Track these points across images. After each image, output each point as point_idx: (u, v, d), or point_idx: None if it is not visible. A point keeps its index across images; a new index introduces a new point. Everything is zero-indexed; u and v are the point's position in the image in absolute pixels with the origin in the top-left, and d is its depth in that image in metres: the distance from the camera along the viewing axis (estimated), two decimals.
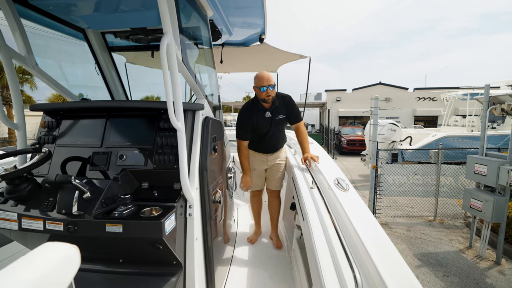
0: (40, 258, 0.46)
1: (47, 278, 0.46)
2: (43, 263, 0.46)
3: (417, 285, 0.75)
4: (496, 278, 3.22)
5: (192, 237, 1.30)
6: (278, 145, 2.46)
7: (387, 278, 0.75)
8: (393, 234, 4.53)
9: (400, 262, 0.85)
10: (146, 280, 1.22)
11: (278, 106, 2.27)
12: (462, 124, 10.19)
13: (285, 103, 2.29)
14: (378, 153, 5.02)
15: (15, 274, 0.44)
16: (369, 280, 0.83)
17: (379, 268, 0.79)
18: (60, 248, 0.50)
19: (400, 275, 0.79)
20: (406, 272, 0.80)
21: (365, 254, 0.89)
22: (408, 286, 0.75)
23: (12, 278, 0.44)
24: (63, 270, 0.48)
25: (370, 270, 0.84)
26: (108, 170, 1.35)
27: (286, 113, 2.29)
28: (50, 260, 0.47)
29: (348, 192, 1.39)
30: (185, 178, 1.20)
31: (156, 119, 1.42)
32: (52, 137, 1.45)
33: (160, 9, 1.02)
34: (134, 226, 1.11)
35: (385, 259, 0.84)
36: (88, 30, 1.95)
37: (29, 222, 1.15)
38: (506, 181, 3.28)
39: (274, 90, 2.20)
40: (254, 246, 2.44)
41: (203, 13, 1.66)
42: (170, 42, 1.05)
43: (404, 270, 0.81)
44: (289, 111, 2.29)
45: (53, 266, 0.46)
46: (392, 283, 0.74)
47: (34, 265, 0.46)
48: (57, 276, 0.47)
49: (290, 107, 2.29)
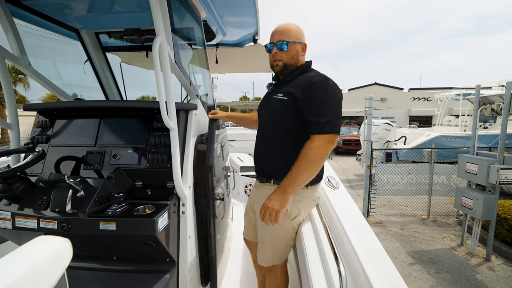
0: (32, 250, 0.48)
1: (39, 270, 0.48)
2: (35, 256, 0.48)
3: (397, 276, 0.78)
4: (486, 274, 3.29)
5: (185, 234, 1.33)
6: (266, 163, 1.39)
7: (369, 270, 0.79)
8: (387, 232, 4.59)
9: (382, 255, 0.89)
10: (139, 277, 1.24)
11: (293, 81, 1.33)
12: (455, 124, 10.35)
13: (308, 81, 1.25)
14: (373, 153, 5.08)
15: (7, 266, 0.46)
16: (352, 271, 0.87)
17: (362, 261, 0.82)
18: (52, 241, 0.52)
19: (382, 267, 0.82)
20: (387, 264, 0.84)
21: (350, 247, 0.92)
22: (389, 277, 0.79)
23: (4, 270, 0.45)
24: (55, 262, 0.50)
25: (354, 263, 0.88)
26: (102, 169, 1.37)
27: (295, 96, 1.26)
28: (42, 252, 0.49)
29: (338, 190, 1.42)
30: (178, 176, 1.22)
31: (149, 118, 1.44)
32: (45, 137, 1.46)
33: (152, 10, 1.04)
34: (127, 224, 1.13)
35: (369, 253, 0.88)
36: (82, 30, 1.96)
37: (22, 220, 1.16)
38: (496, 179, 3.35)
39: (290, 53, 1.33)
40: None
41: (196, 14, 1.68)
42: (162, 42, 1.07)
43: (386, 262, 0.85)
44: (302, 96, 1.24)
45: (45, 258, 0.48)
46: (373, 274, 0.77)
47: (26, 257, 0.48)
48: (49, 268, 0.49)
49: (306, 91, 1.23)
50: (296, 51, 1.35)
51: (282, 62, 1.35)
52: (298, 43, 1.35)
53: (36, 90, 5.01)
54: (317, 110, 1.19)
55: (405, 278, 3.28)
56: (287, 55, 1.34)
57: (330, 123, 1.16)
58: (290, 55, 1.34)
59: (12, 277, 0.45)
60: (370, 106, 5.07)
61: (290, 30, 1.34)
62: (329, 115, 1.17)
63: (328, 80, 1.25)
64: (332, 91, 1.22)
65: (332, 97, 1.21)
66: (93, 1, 1.49)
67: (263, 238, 1.37)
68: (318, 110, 1.19)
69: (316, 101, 1.20)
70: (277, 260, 1.37)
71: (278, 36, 1.35)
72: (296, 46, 1.35)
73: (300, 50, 1.37)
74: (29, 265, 0.47)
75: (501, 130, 3.53)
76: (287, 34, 1.33)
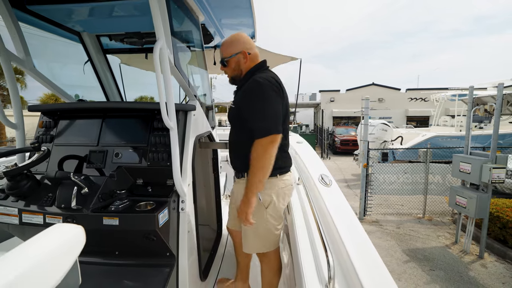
0: (49, 237, 0.54)
1: (56, 254, 0.53)
2: (52, 242, 0.54)
3: (381, 265, 0.85)
4: (479, 271, 3.37)
5: (184, 230, 1.38)
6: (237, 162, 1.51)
7: (356, 259, 0.85)
8: (383, 231, 4.66)
9: (368, 246, 0.95)
10: (141, 271, 1.30)
11: (239, 89, 1.47)
12: (451, 124, 10.45)
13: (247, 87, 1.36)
14: (369, 153, 5.16)
15: (26, 252, 0.52)
16: (340, 261, 0.93)
17: (349, 250, 0.89)
18: (67, 228, 0.57)
19: (368, 257, 0.88)
20: (373, 255, 0.90)
21: (339, 239, 0.98)
22: (374, 266, 0.85)
23: (23, 255, 0.51)
24: (70, 247, 0.55)
25: (342, 254, 0.94)
26: (104, 167, 1.42)
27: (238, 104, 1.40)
28: (58, 238, 0.54)
29: (331, 187, 1.49)
30: (178, 174, 1.27)
31: (150, 119, 1.50)
32: (49, 137, 1.51)
33: (153, 16, 1.10)
34: (130, 219, 1.19)
35: (355, 243, 0.94)
36: (83, 33, 2.01)
37: (29, 216, 1.22)
38: (488, 178, 3.42)
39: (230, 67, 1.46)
40: None
41: (194, 18, 1.74)
42: (163, 47, 1.13)
43: (371, 253, 0.91)
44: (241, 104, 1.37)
45: (61, 244, 0.54)
46: (359, 263, 0.84)
47: (43, 243, 0.54)
48: (65, 252, 0.54)
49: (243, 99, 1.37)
50: (235, 63, 1.45)
51: (229, 76, 1.50)
52: (235, 55, 1.43)
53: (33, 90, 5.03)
54: (252, 117, 1.30)
55: (400, 275, 3.35)
56: (229, 69, 1.47)
57: (264, 128, 1.26)
58: (231, 68, 1.46)
59: (31, 261, 0.50)
60: (367, 106, 5.15)
61: (224, 46, 1.46)
62: (262, 119, 1.27)
63: (259, 82, 1.30)
64: (262, 94, 1.28)
65: (262, 99, 1.28)
66: (95, 6, 1.55)
67: (245, 228, 1.47)
68: (252, 116, 1.30)
69: (250, 108, 1.31)
70: (261, 247, 1.47)
71: (220, 54, 1.47)
72: (234, 58, 1.44)
73: (241, 59, 1.44)
74: (47, 250, 0.53)
75: (493, 130, 3.60)
76: (223, 51, 1.46)
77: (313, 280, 0.86)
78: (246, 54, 1.43)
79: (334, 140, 15.17)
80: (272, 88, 1.30)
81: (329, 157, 13.43)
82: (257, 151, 1.27)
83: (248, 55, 1.43)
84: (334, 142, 15.11)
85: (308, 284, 0.85)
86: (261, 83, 1.30)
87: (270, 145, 1.26)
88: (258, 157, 1.27)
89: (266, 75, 1.36)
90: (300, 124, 21.29)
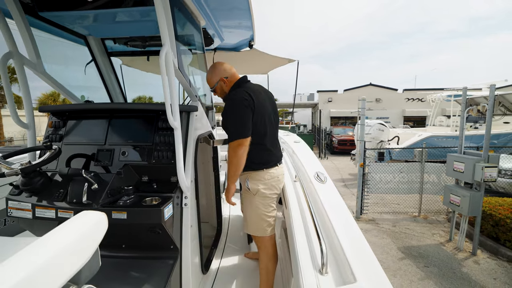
0: (77, 223, 0.62)
1: (82, 238, 0.61)
2: (79, 227, 0.61)
3: (370, 254, 0.93)
4: (471, 268, 3.47)
5: (187, 224, 1.46)
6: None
7: (346, 247, 0.94)
8: (380, 229, 4.75)
9: (359, 237, 1.04)
10: (146, 263, 1.37)
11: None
12: (447, 124, 10.59)
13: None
14: (366, 152, 5.25)
15: (56, 236, 0.60)
16: (332, 249, 1.02)
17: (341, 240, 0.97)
18: (93, 214, 0.65)
19: (358, 244, 0.97)
20: (362, 242, 0.99)
21: (331, 230, 1.07)
22: (362, 252, 0.93)
23: (53, 239, 0.59)
24: (94, 232, 0.63)
25: (334, 242, 1.03)
26: (111, 165, 1.50)
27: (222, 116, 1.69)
28: (84, 224, 0.62)
29: (325, 184, 1.58)
30: (181, 172, 1.35)
31: (154, 119, 1.57)
32: (59, 136, 1.58)
33: (159, 23, 1.18)
34: (137, 213, 1.26)
35: (347, 234, 1.03)
36: (89, 37, 2.08)
37: (42, 211, 1.29)
38: (481, 177, 3.52)
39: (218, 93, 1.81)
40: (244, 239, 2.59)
41: (196, 23, 1.82)
42: (168, 51, 1.21)
43: (361, 241, 1.00)
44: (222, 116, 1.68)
45: (88, 229, 0.62)
46: (350, 250, 0.92)
47: (72, 228, 0.61)
48: (90, 237, 0.62)
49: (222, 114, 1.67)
50: (219, 88, 1.78)
51: (219, 97, 1.84)
52: (216, 84, 1.76)
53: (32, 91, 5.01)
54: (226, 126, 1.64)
55: (396, 271, 3.44)
56: (217, 93, 1.83)
57: (234, 133, 1.59)
58: (218, 93, 1.82)
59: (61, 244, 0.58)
60: (363, 107, 5.24)
61: (207, 79, 1.80)
62: (232, 128, 1.60)
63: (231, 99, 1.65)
64: (231, 109, 1.62)
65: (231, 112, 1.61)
66: (102, 13, 1.62)
67: (244, 213, 1.85)
68: (226, 126, 1.64)
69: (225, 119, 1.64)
70: (254, 231, 1.75)
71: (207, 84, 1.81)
72: (217, 86, 1.77)
73: (222, 84, 1.76)
74: (75, 234, 0.60)
75: (486, 130, 3.71)
76: (208, 83, 1.81)
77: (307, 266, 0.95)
78: (224, 79, 1.74)
79: (331, 140, 15.29)
80: (241, 102, 1.58)
81: (326, 157, 13.54)
82: (229, 151, 1.60)
83: (226, 79, 1.74)
84: (331, 142, 15.23)
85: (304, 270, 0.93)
86: (231, 100, 1.64)
87: (238, 147, 1.56)
88: (230, 156, 1.60)
89: (238, 91, 1.66)
90: (298, 124, 21.39)
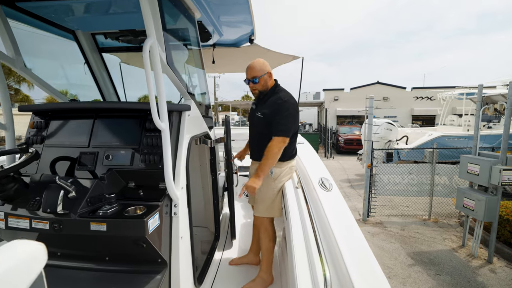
0: (3, 255, 0.48)
1: (9, 274, 0.47)
2: (6, 260, 0.48)
3: (383, 280, 0.77)
4: (488, 277, 3.25)
5: (177, 235, 1.32)
6: (257, 153, 1.96)
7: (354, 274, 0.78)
8: (387, 233, 4.56)
9: (369, 258, 0.87)
10: (131, 278, 1.24)
11: (266, 102, 1.87)
12: (458, 124, 10.23)
13: (274, 102, 1.81)
14: (373, 153, 5.05)
15: None
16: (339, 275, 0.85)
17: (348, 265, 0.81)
18: (26, 245, 0.51)
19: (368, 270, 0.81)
20: (375, 269, 0.82)
21: (338, 252, 0.91)
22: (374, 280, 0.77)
23: None
24: (27, 267, 0.49)
25: (341, 267, 0.87)
26: (95, 170, 1.37)
27: (268, 114, 1.81)
28: (13, 257, 0.48)
29: (331, 192, 1.42)
30: (170, 177, 1.22)
31: (142, 119, 1.44)
32: (40, 137, 1.47)
33: (143, 12, 1.04)
34: (118, 224, 1.13)
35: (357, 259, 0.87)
36: (77, 31, 1.96)
37: (15, 220, 1.17)
38: (498, 180, 3.30)
39: (260, 84, 1.85)
40: (243, 245, 2.46)
41: (190, 15, 1.68)
42: (153, 44, 1.07)
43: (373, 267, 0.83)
44: (270, 113, 1.79)
45: (17, 263, 0.48)
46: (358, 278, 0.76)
47: None
48: (20, 273, 0.48)
49: (275, 110, 1.78)
50: (264, 80, 1.87)
51: (257, 91, 1.89)
52: (264, 74, 1.86)
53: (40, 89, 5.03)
54: (277, 122, 1.77)
55: (405, 279, 3.25)
56: (259, 85, 1.87)
57: (283, 131, 1.75)
58: (261, 85, 1.88)
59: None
60: (371, 105, 5.04)
61: (256, 67, 1.85)
62: (284, 125, 1.76)
63: (287, 102, 1.80)
64: (287, 109, 1.77)
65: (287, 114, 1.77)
66: (87, 3, 1.50)
67: (257, 197, 1.91)
68: (277, 122, 1.77)
69: (277, 117, 1.77)
70: (266, 212, 1.92)
71: (250, 73, 1.86)
72: (264, 77, 1.86)
73: (267, 78, 1.88)
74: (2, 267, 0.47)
75: (504, 130, 3.48)
76: (253, 72, 1.85)
77: None
78: (271, 74, 1.90)
79: (337, 139, 15.02)
80: (294, 107, 1.82)
81: (332, 156, 13.30)
82: (273, 143, 1.74)
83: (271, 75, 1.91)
84: (337, 141, 14.95)
85: None
86: (288, 103, 1.80)
87: (282, 143, 1.75)
88: (272, 148, 1.73)
89: (288, 95, 1.85)
90: (304, 123, 21.16)
